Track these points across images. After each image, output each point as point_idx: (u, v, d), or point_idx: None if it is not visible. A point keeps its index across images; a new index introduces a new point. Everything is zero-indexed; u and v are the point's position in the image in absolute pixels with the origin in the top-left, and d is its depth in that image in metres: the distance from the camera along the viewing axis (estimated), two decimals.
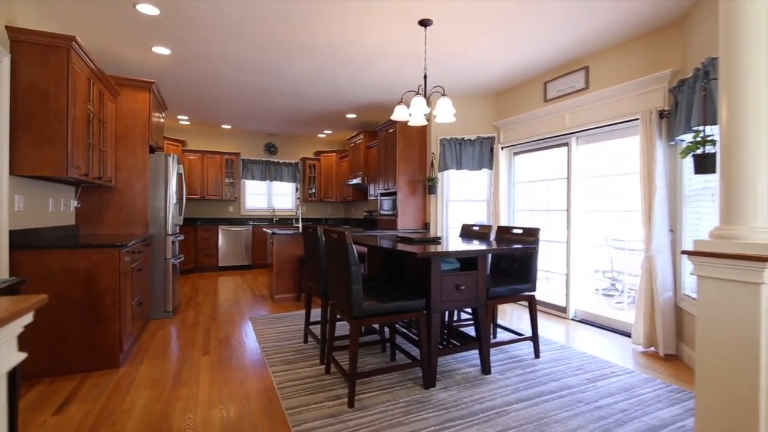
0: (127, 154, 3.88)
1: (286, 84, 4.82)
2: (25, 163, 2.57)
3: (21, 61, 2.56)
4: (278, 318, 4.08)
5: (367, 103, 5.60)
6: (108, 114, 3.60)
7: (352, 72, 4.37)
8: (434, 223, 5.43)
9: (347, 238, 2.22)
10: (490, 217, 5.14)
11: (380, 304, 2.31)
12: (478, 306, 2.67)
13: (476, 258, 2.65)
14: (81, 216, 3.74)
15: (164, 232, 4.06)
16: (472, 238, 3.70)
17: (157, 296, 4.02)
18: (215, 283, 6.07)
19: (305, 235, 3.14)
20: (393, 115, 3.26)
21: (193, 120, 6.83)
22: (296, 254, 4.89)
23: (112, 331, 2.76)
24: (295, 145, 8.54)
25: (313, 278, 3.02)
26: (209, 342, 3.33)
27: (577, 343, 3.38)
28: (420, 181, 5.51)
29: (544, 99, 4.42)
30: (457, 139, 5.24)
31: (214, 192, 7.52)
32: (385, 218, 5.75)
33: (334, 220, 8.90)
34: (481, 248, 2.62)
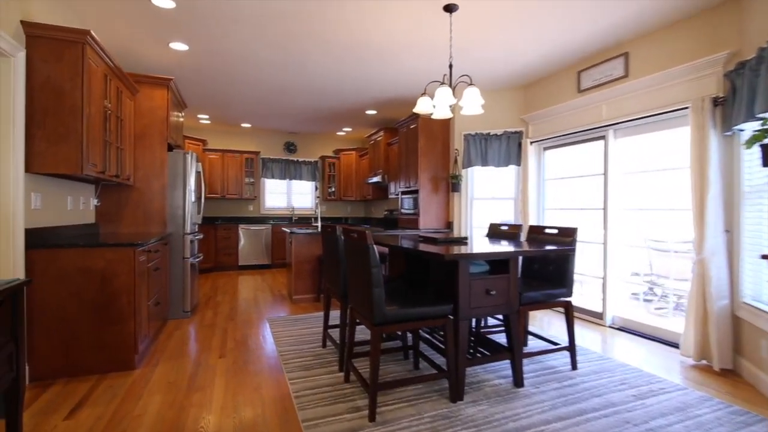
0: (145, 152, 3.84)
1: (304, 80, 4.69)
2: (40, 161, 2.52)
3: (36, 56, 2.51)
4: (296, 320, 3.95)
5: (388, 98, 5.42)
6: (126, 112, 3.55)
7: (371, 65, 4.21)
8: (458, 223, 5.20)
9: (368, 238, 2.05)
10: (518, 216, 4.87)
11: (404, 309, 2.12)
12: (510, 313, 2.45)
13: (508, 260, 2.43)
14: (101, 214, 3.71)
15: (182, 231, 4.00)
16: (501, 239, 3.47)
17: (175, 296, 3.97)
18: (235, 283, 6.03)
19: (324, 234, 2.99)
20: (416, 107, 3.07)
21: (213, 119, 6.82)
22: (315, 254, 4.77)
23: (127, 332, 2.68)
24: (315, 143, 8.46)
25: (332, 280, 2.86)
26: (226, 344, 3.23)
27: (617, 354, 3.10)
28: (443, 179, 5.30)
29: (578, 90, 4.13)
30: (483, 134, 5.00)
31: (234, 191, 7.51)
32: (406, 217, 5.56)
33: (353, 219, 8.78)
34: (515, 250, 2.40)
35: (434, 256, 2.20)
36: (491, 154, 4.94)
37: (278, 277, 6.61)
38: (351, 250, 2.33)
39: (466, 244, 2.81)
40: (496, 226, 3.65)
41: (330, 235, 2.82)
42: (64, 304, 2.55)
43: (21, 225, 2.42)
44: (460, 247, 2.51)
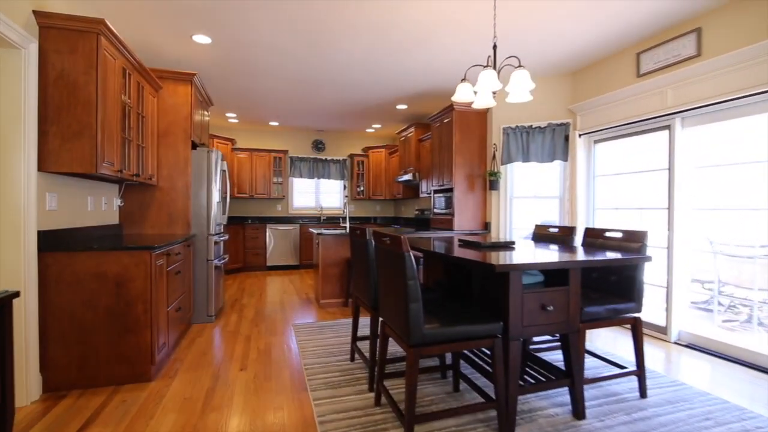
0: (168, 151, 3.71)
1: (332, 72, 4.44)
2: (53, 159, 2.38)
3: (49, 48, 2.38)
4: (323, 327, 3.71)
5: (420, 91, 5.09)
6: (149, 109, 3.42)
7: (403, 52, 3.89)
8: (496, 223, 4.80)
9: (404, 245, 1.74)
10: (564, 217, 4.42)
11: (445, 328, 1.80)
12: (570, 332, 2.07)
13: (566, 271, 2.06)
14: (125, 215, 3.61)
15: (206, 232, 3.85)
16: (549, 242, 3.07)
17: (199, 299, 3.82)
18: (262, 284, 5.89)
19: (353, 237, 2.71)
20: (455, 94, 2.74)
21: (241, 118, 6.73)
22: (343, 257, 4.52)
23: (143, 341, 2.51)
24: (343, 141, 8.24)
25: (361, 288, 2.58)
26: (248, 354, 3.02)
27: (691, 377, 2.64)
28: (479, 176, 4.91)
29: (637, 74, 3.64)
30: (524, 127, 4.57)
31: (262, 190, 7.41)
32: (439, 217, 5.21)
33: (382, 218, 8.50)
34: (585, 259, 2.02)
35: (481, 267, 1.87)
36: (534, 149, 4.51)
37: (306, 278, 6.43)
38: (383, 258, 2.03)
39: (514, 249, 2.45)
40: (544, 229, 3.25)
41: (359, 239, 2.54)
42: (78, 312, 2.41)
43: (33, 227, 2.28)
44: (506, 254, 2.16)
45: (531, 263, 1.86)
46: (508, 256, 2.11)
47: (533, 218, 4.70)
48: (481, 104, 2.82)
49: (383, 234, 1.98)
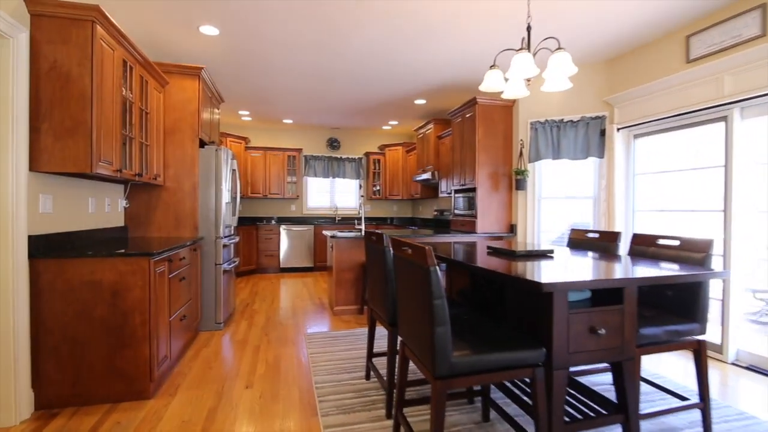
0: (175, 149, 3.52)
1: (347, 65, 4.19)
2: (46, 158, 2.19)
3: (40, 38, 2.19)
4: (337, 337, 3.46)
5: (439, 84, 4.78)
6: (153, 105, 3.23)
7: (422, 45, 3.60)
8: (522, 226, 4.46)
9: (428, 258, 1.46)
10: (598, 219, 4.05)
11: (477, 355, 1.51)
12: (624, 359, 1.75)
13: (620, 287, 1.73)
14: (130, 217, 3.45)
15: (215, 234, 3.65)
16: (588, 249, 2.74)
17: (207, 306, 3.63)
18: (275, 287, 5.70)
19: (368, 242, 2.45)
20: (483, 83, 2.44)
21: (254, 115, 6.56)
22: (359, 261, 4.26)
23: (140, 356, 2.31)
24: (359, 139, 8.00)
25: (377, 299, 2.31)
26: (255, 368, 2.80)
27: (760, 408, 2.27)
28: (504, 175, 4.58)
29: (687, 59, 3.25)
30: (554, 121, 4.22)
31: (276, 190, 7.24)
32: (460, 219, 4.90)
33: (399, 219, 8.22)
34: (655, 274, 1.71)
35: (523, 284, 1.57)
36: (565, 145, 4.14)
37: (320, 281, 6.21)
38: (404, 270, 1.75)
39: (552, 258, 2.14)
40: (581, 233, 2.91)
41: (375, 245, 2.27)
42: (71, 323, 2.22)
43: (24, 231, 2.10)
44: (548, 265, 1.85)
45: (587, 281, 1.55)
46: (551, 268, 1.80)
47: (562, 220, 4.34)
48: (512, 94, 2.51)
49: (403, 242, 1.71)
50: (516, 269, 1.76)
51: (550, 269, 1.77)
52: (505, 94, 2.54)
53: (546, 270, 1.74)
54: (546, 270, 1.74)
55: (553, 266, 1.86)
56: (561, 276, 1.61)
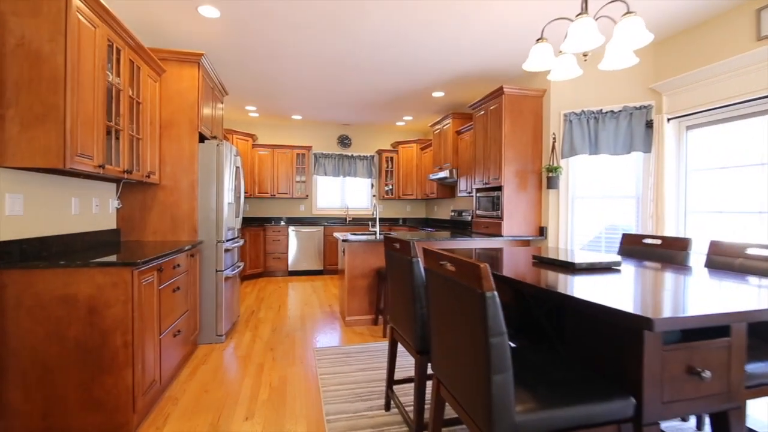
0: (172, 144, 3.19)
1: (359, 52, 3.82)
2: (11, 151, 1.86)
3: (6, 10, 1.86)
4: (350, 354, 3.09)
5: (460, 73, 4.38)
6: (147, 94, 2.90)
7: (442, 29, 3.21)
8: (554, 228, 4.03)
9: (484, 280, 1.07)
10: (644, 222, 3.61)
11: (547, 410, 1.12)
12: (730, 408, 1.35)
13: None
14: (123, 219, 3.12)
15: (215, 238, 3.31)
16: (645, 258, 2.32)
17: (206, 317, 3.29)
18: (282, 293, 5.36)
19: (388, 249, 2.07)
20: (527, 62, 2.04)
21: (261, 111, 6.23)
22: (373, 266, 3.89)
23: (122, 383, 1.96)
24: (371, 136, 7.62)
25: (401, 320, 1.93)
26: (258, 392, 2.44)
27: None
28: (533, 172, 4.15)
29: (757, 36, 2.80)
30: (592, 112, 3.78)
31: (284, 189, 6.90)
32: (483, 220, 4.49)
33: (412, 220, 7.83)
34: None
35: (621, 319, 1.17)
36: (604, 138, 3.71)
37: (330, 286, 5.86)
38: (443, 291, 1.37)
39: (619, 271, 1.74)
40: (636, 239, 2.49)
41: (399, 254, 1.89)
42: (41, 345, 1.88)
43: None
44: (612, 279, 1.45)
45: (711, 315, 1.14)
46: (635, 289, 1.40)
47: (596, 223, 3.91)
48: (562, 74, 2.11)
49: (443, 254, 1.32)
50: (586, 289, 1.36)
51: (637, 291, 1.36)
52: (553, 75, 2.13)
53: (633, 293, 1.34)
54: (633, 293, 1.34)
55: (633, 285, 1.45)
56: (667, 305, 1.21)
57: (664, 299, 1.28)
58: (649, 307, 1.16)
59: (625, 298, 1.26)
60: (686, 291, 1.42)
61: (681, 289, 1.44)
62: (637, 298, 1.28)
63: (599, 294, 1.32)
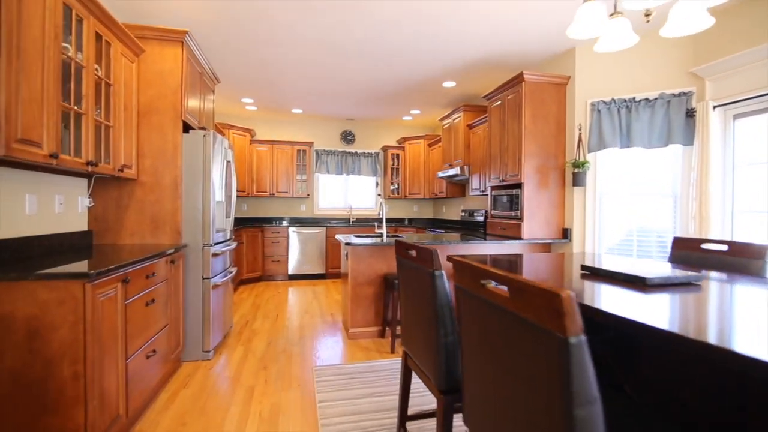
0: (152, 134, 2.82)
1: (363, 36, 3.43)
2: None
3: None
4: (354, 375, 2.70)
5: (475, 60, 3.99)
6: (121, 76, 2.53)
7: (456, 9, 2.82)
8: (580, 230, 3.63)
9: (568, 320, 0.68)
10: (684, 222, 3.20)
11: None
12: None
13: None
14: (96, 220, 2.75)
15: (202, 241, 2.93)
16: (704, 266, 1.92)
17: (191, 331, 2.92)
18: (281, 299, 4.98)
19: (401, 257, 1.68)
20: (572, 26, 1.66)
21: (259, 104, 5.86)
22: (379, 272, 3.50)
23: (71, 425, 1.58)
24: (376, 131, 7.24)
25: (417, 347, 1.54)
26: (245, 426, 2.06)
27: None
28: (555, 168, 3.75)
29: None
30: (623, 100, 3.38)
31: (284, 188, 6.53)
32: (500, 221, 4.09)
33: (419, 221, 7.43)
34: None
35: None
36: (638, 129, 3.31)
37: (332, 291, 5.47)
38: (485, 323, 0.97)
39: (699, 286, 1.34)
40: (691, 244, 2.09)
41: (414, 265, 1.50)
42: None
43: None
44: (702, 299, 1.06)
45: None
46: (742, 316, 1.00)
47: (623, 223, 3.50)
48: (612, 44, 1.72)
49: (486, 270, 0.93)
50: (671, 317, 0.96)
51: (755, 323, 0.97)
52: (602, 44, 1.74)
53: (750, 325, 0.95)
54: (750, 325, 0.95)
55: (732, 310, 1.06)
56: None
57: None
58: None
59: (743, 334, 0.86)
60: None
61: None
62: (764, 334, 0.89)
63: (692, 323, 0.92)
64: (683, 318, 1.00)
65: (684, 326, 0.93)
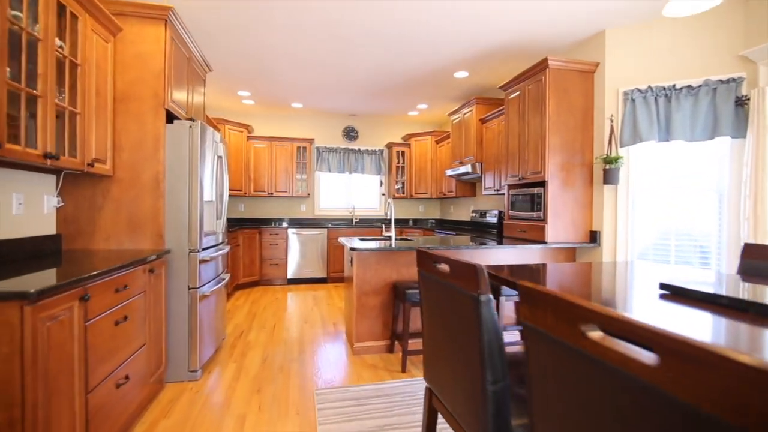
0: (130, 123, 2.47)
1: (368, 21, 3.08)
2: None
3: None
4: (361, 400, 2.35)
5: (491, 48, 3.64)
6: (93, 55, 2.18)
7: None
8: (610, 233, 3.28)
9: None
10: (730, 223, 2.84)
11: None
12: None
13: None
14: (66, 222, 2.40)
15: (187, 246, 2.58)
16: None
17: (175, 347, 2.57)
18: (280, 305, 4.63)
19: (424, 273, 1.34)
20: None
21: (256, 97, 5.51)
22: (388, 279, 3.15)
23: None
24: (380, 127, 6.89)
25: (450, 390, 1.19)
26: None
27: None
28: (581, 164, 3.40)
29: None
30: (662, 88, 3.03)
31: (283, 187, 6.18)
32: (518, 223, 3.73)
33: (424, 222, 7.08)
34: None
35: None
36: (679, 121, 2.95)
37: (335, 297, 5.13)
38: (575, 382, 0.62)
39: None
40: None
41: (447, 284, 1.15)
42: None
43: None
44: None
45: None
46: None
47: (657, 226, 3.15)
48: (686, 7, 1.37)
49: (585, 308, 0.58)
50: None
51: None
52: (672, 7, 1.39)
53: None
54: None
55: None
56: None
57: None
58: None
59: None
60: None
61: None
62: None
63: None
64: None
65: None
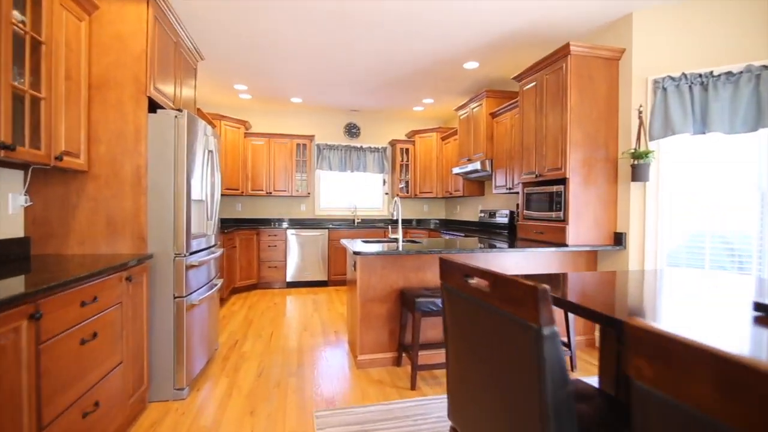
0: (108, 112, 2.21)
1: (372, 7, 2.82)
2: None
3: None
4: (368, 425, 2.08)
5: (505, 35, 3.37)
6: (62, 35, 1.92)
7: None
8: (638, 235, 3.00)
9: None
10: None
11: None
12: None
13: None
14: (36, 223, 2.14)
15: (173, 250, 2.31)
16: None
17: (159, 363, 2.30)
18: (278, 310, 4.37)
19: (449, 287, 1.07)
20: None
21: (254, 92, 5.24)
22: (394, 286, 2.89)
23: None
24: (383, 124, 6.62)
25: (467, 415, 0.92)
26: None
27: None
28: (605, 160, 3.13)
29: None
30: (697, 75, 2.75)
31: (282, 186, 5.92)
32: (535, 224, 3.46)
33: (430, 222, 6.81)
34: None
35: None
36: (717, 111, 2.68)
37: (336, 302, 4.86)
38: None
39: None
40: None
41: (483, 304, 0.88)
42: None
43: None
44: None
45: None
46: None
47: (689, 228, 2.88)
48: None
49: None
50: None
51: None
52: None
53: None
54: None
55: None
56: None
57: None
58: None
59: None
60: None
61: None
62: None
63: None
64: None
65: None
